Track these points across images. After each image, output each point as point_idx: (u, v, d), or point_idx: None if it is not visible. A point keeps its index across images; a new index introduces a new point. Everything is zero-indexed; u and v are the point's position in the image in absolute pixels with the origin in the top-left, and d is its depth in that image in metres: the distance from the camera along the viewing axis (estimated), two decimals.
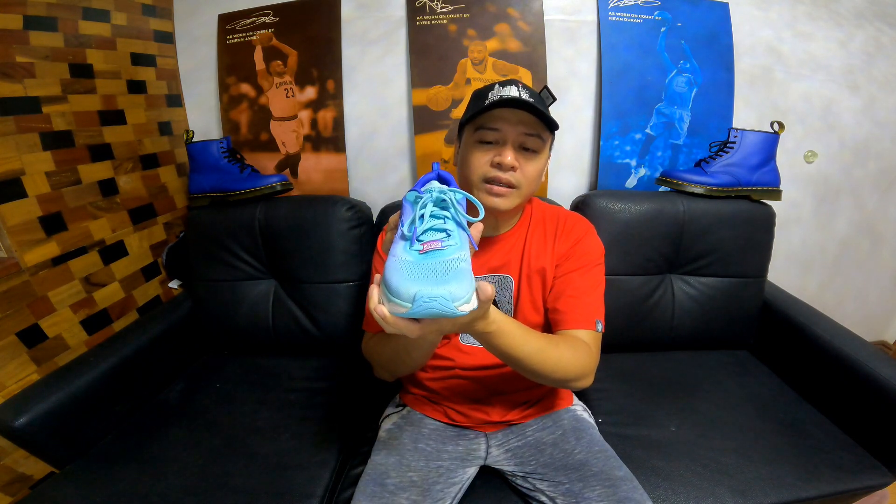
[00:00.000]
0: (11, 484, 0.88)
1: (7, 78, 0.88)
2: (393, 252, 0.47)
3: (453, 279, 0.43)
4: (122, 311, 1.16)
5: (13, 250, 0.89)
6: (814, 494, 0.78)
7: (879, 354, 0.93)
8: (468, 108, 0.73)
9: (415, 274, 0.43)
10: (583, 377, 0.69)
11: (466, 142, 0.73)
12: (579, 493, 0.67)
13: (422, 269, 0.44)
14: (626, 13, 1.24)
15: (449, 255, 0.46)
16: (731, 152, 1.18)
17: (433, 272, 0.43)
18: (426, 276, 0.43)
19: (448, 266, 0.44)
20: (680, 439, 0.89)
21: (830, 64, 1.32)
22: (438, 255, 0.46)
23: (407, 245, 0.47)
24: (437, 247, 0.46)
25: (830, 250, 1.52)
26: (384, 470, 0.73)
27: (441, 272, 0.43)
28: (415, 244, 0.47)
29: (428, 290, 0.41)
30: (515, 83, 0.69)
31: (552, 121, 0.68)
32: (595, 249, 0.79)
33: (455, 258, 0.45)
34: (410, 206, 0.51)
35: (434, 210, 0.49)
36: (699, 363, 1.14)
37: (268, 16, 1.28)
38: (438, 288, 0.41)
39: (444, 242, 0.47)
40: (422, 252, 0.46)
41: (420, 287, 0.41)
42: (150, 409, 1.02)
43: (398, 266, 0.44)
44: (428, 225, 0.48)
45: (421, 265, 0.44)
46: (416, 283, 0.42)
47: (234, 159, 1.23)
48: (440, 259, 0.45)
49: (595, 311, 0.75)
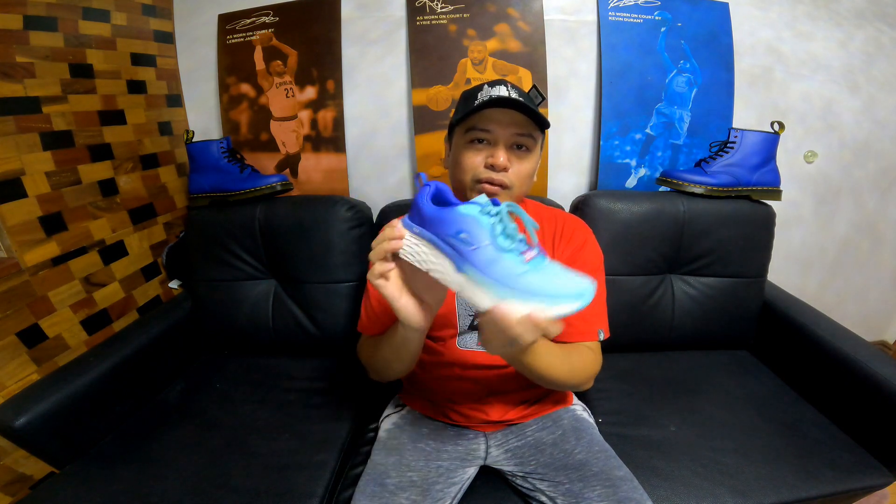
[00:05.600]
0: (11, 484, 0.88)
1: (7, 78, 0.88)
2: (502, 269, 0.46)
3: (571, 273, 0.46)
4: (122, 311, 1.16)
5: (13, 250, 0.89)
6: (814, 494, 0.78)
7: (879, 354, 0.93)
8: (458, 109, 0.73)
9: (557, 278, 0.45)
10: (586, 382, 0.73)
11: (457, 143, 0.72)
12: (579, 493, 0.67)
13: (553, 274, 0.46)
14: (626, 13, 1.24)
15: (545, 259, 0.48)
16: (731, 152, 1.18)
17: (561, 273, 0.46)
18: (564, 275, 0.46)
19: (559, 266, 0.47)
20: (680, 439, 0.88)
21: (830, 64, 1.32)
22: (542, 261, 0.47)
23: (515, 255, 0.46)
24: (535, 255, 0.47)
25: (830, 250, 1.52)
26: (384, 470, 0.73)
27: (563, 271, 0.46)
28: (520, 255, 0.47)
29: (586, 286, 0.44)
30: (504, 83, 0.69)
31: (543, 119, 0.68)
32: (596, 256, 0.79)
33: (551, 262, 0.48)
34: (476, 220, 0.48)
35: (510, 223, 0.49)
36: (699, 363, 1.14)
37: (268, 16, 1.28)
38: (584, 282, 0.44)
39: (535, 252, 0.48)
40: (528, 261, 0.46)
41: (578, 283, 0.44)
42: (150, 409, 1.02)
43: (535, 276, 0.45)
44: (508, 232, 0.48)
45: (547, 271, 0.46)
46: (571, 282, 0.44)
47: (234, 159, 1.23)
48: (548, 263, 0.47)
49: (598, 321, 0.76)
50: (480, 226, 0.47)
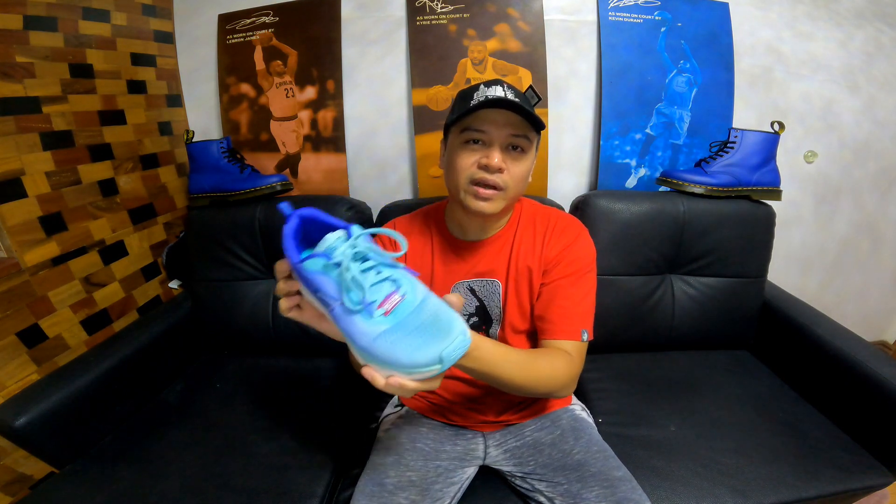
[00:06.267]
0: (11, 484, 0.88)
1: (7, 78, 0.88)
2: (355, 332, 0.41)
3: (445, 317, 0.40)
4: (122, 311, 1.16)
5: (13, 250, 0.89)
6: (814, 494, 0.78)
7: (879, 354, 0.93)
8: (453, 110, 0.72)
9: (413, 338, 0.39)
10: (562, 389, 0.68)
11: (452, 143, 0.72)
12: (578, 494, 0.67)
13: (413, 329, 0.39)
14: (626, 13, 1.24)
15: (416, 299, 0.41)
16: (731, 152, 1.18)
17: (425, 325, 0.39)
18: (424, 332, 0.39)
19: (429, 310, 0.40)
20: (680, 439, 0.88)
21: (830, 64, 1.32)
22: (407, 306, 0.41)
23: (366, 317, 0.41)
24: (397, 300, 0.41)
25: (830, 250, 1.52)
26: (383, 470, 0.73)
27: (431, 320, 0.40)
28: (374, 313, 0.41)
29: (447, 345, 0.38)
30: (500, 83, 0.68)
31: (539, 121, 0.67)
32: (587, 255, 0.77)
33: (423, 299, 0.42)
34: (323, 276, 0.42)
35: (360, 266, 0.42)
36: (699, 363, 1.14)
37: (268, 16, 1.28)
38: (451, 335, 0.38)
39: (401, 290, 0.42)
40: (387, 314, 0.41)
41: (436, 346, 0.38)
42: (150, 409, 1.02)
43: (387, 342, 0.40)
44: (369, 284, 0.41)
45: (407, 326, 0.40)
46: (427, 346, 0.38)
47: (234, 159, 1.23)
48: (413, 309, 0.41)
49: (583, 321, 0.73)
50: (329, 280, 0.42)
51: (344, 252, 0.42)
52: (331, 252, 0.42)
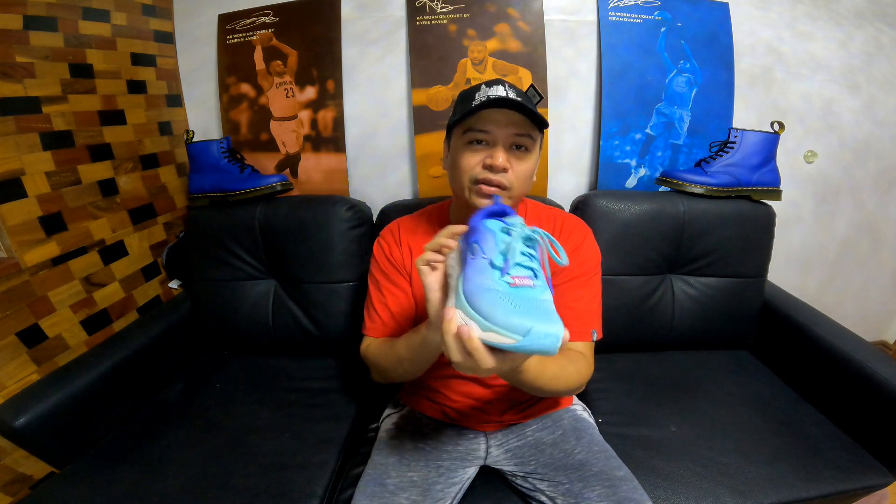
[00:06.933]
0: (11, 484, 0.88)
1: (7, 78, 0.88)
2: (478, 277, 0.45)
3: (553, 315, 0.42)
4: (122, 311, 1.16)
5: (13, 250, 0.89)
6: (814, 494, 0.78)
7: (879, 354, 0.93)
8: (456, 110, 0.72)
9: (520, 308, 0.41)
10: (578, 388, 0.72)
11: (455, 144, 0.72)
12: (579, 494, 0.67)
13: (524, 304, 0.42)
14: (626, 13, 1.24)
15: (540, 294, 0.44)
16: (731, 152, 1.18)
17: (535, 309, 0.42)
18: (530, 311, 0.41)
19: (544, 306, 0.43)
20: (680, 439, 0.89)
21: (830, 64, 1.32)
22: (530, 292, 0.44)
23: (497, 274, 0.45)
24: (528, 284, 0.44)
25: (830, 250, 1.52)
26: (384, 470, 0.73)
27: (542, 310, 0.42)
28: (505, 276, 0.44)
29: (543, 328, 0.39)
30: (502, 83, 0.68)
31: (542, 119, 0.67)
32: (594, 256, 0.79)
33: (546, 299, 0.44)
34: (493, 234, 0.48)
35: (523, 247, 0.48)
36: (699, 363, 1.14)
37: (268, 16, 1.28)
38: (552, 326, 0.39)
39: (535, 282, 0.45)
40: (512, 286, 0.44)
41: (534, 323, 0.39)
42: (150, 409, 1.02)
43: (495, 296, 0.42)
44: (516, 260, 0.46)
45: (520, 299, 0.42)
46: (527, 318, 0.40)
47: (234, 159, 1.23)
48: (534, 297, 0.43)
49: (593, 321, 0.75)
50: (494, 240, 0.48)
51: (521, 229, 0.49)
52: (512, 226, 0.49)
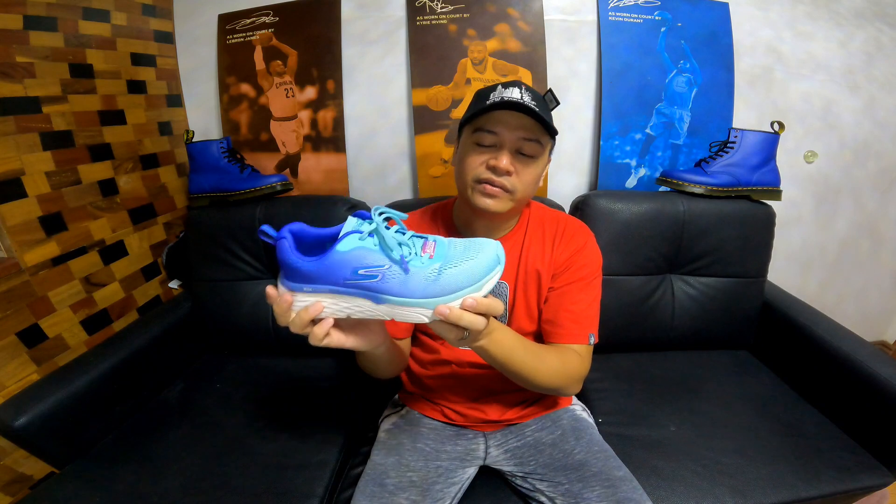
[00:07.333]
0: (11, 484, 0.88)
1: (7, 78, 0.88)
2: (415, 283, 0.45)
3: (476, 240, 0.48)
4: (122, 311, 1.16)
5: (13, 250, 0.89)
6: (814, 494, 0.78)
7: (879, 354, 0.93)
8: (469, 108, 0.73)
9: (464, 259, 0.46)
10: (570, 386, 0.72)
11: (464, 142, 0.72)
12: (579, 494, 0.67)
13: (459, 254, 0.46)
14: (626, 13, 1.24)
15: (445, 240, 0.48)
16: (731, 152, 1.18)
17: (467, 249, 0.47)
18: (469, 252, 0.46)
19: (460, 242, 0.48)
20: (680, 439, 0.89)
21: (830, 64, 1.32)
22: (443, 245, 0.48)
23: (418, 263, 0.45)
24: (433, 245, 0.48)
25: (830, 250, 1.52)
26: (384, 470, 0.73)
27: (468, 244, 0.47)
28: (416, 258, 0.46)
29: (494, 248, 0.46)
30: (519, 85, 0.68)
31: (552, 126, 0.67)
32: (595, 260, 0.79)
33: (449, 239, 0.49)
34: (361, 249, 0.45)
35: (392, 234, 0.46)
36: (699, 363, 1.14)
37: (268, 16, 1.28)
38: (491, 245, 0.46)
39: (430, 238, 0.48)
40: (431, 256, 0.46)
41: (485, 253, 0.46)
42: (150, 409, 1.02)
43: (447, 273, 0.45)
44: (399, 240, 0.46)
45: (453, 256, 0.46)
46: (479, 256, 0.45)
47: (234, 159, 1.23)
48: (448, 244, 0.48)
49: (591, 324, 0.76)
50: (370, 251, 0.44)
51: (376, 220, 0.45)
52: (359, 227, 0.45)
